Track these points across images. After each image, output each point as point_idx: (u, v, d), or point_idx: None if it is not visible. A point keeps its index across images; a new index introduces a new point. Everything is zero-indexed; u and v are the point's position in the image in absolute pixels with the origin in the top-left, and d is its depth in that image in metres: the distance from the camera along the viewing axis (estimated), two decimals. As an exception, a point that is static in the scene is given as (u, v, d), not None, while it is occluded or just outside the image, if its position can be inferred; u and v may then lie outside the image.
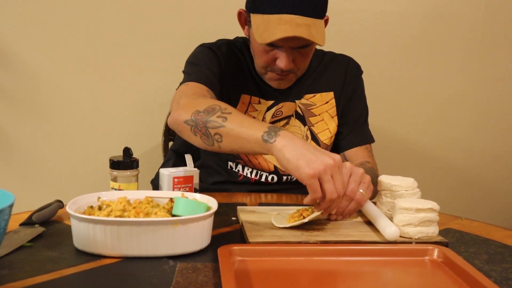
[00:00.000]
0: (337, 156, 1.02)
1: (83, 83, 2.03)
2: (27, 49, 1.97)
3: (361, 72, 1.59)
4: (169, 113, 1.26)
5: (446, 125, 2.20)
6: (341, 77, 1.55)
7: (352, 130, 1.54)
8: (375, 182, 1.35)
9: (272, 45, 1.34)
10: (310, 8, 1.29)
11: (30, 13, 1.95)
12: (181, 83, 1.38)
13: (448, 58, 2.15)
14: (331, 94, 1.53)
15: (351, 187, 1.07)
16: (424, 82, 2.16)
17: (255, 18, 1.33)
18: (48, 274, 0.88)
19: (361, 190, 1.08)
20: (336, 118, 1.53)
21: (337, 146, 1.56)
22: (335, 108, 1.53)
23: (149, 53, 2.03)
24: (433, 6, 2.10)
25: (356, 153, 1.52)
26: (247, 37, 1.46)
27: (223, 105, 1.15)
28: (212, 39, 1.57)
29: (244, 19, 1.43)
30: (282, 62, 1.35)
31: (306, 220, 1.08)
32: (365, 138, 1.55)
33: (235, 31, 1.56)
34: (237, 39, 1.56)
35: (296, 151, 1.00)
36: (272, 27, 1.28)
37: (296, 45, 1.33)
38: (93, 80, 2.03)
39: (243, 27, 1.45)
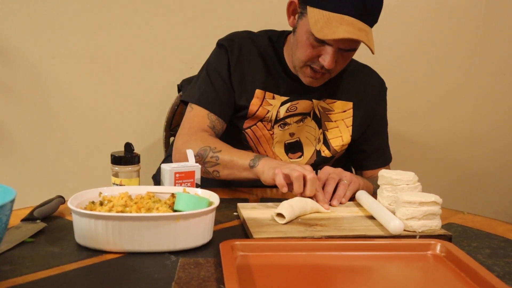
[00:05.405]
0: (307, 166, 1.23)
1: (84, 79, 2.02)
2: (28, 45, 1.97)
3: (385, 89, 1.59)
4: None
5: (448, 119, 2.19)
6: (363, 90, 1.54)
7: (376, 151, 1.57)
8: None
9: (323, 42, 1.33)
10: (369, 16, 1.30)
11: (30, 9, 1.94)
12: (190, 92, 1.49)
13: (449, 52, 2.14)
14: (350, 104, 1.52)
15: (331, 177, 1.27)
16: (425, 76, 2.15)
17: (313, 12, 1.31)
18: (50, 269, 0.87)
19: (344, 181, 1.27)
20: (351, 128, 1.52)
21: (360, 164, 1.59)
22: (351, 118, 1.52)
23: (151, 48, 2.02)
24: (434, 0, 2.09)
25: (375, 171, 1.57)
26: (292, 27, 1.43)
27: (213, 144, 1.34)
28: (214, 36, 1.55)
29: (293, 9, 1.41)
30: (326, 60, 1.34)
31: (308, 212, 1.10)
32: (387, 159, 1.61)
33: (238, 27, 1.56)
34: (260, 33, 1.54)
35: (270, 166, 1.24)
36: (333, 25, 1.28)
37: (346, 47, 1.33)
38: (94, 76, 2.02)
39: (289, 17, 1.43)
